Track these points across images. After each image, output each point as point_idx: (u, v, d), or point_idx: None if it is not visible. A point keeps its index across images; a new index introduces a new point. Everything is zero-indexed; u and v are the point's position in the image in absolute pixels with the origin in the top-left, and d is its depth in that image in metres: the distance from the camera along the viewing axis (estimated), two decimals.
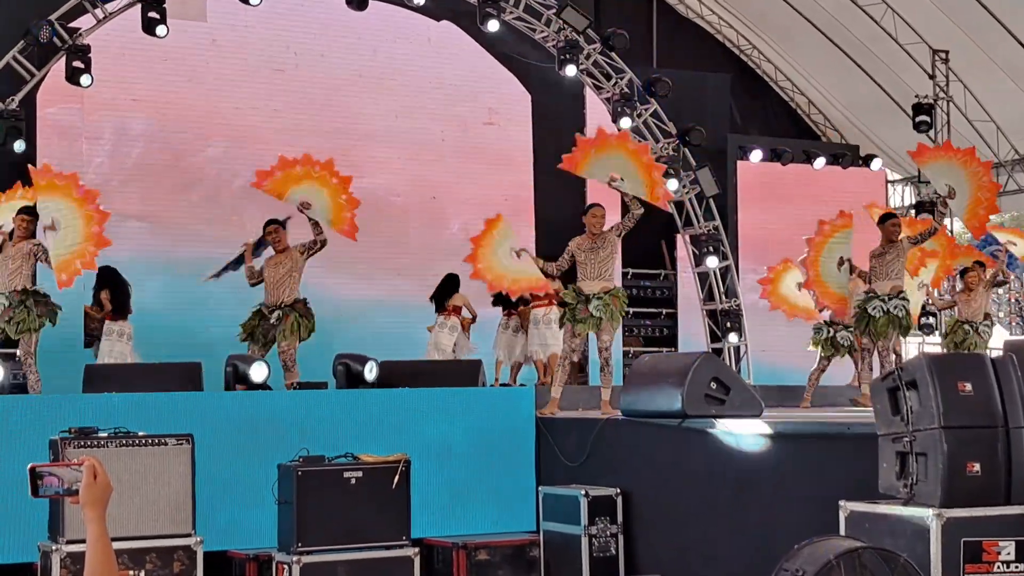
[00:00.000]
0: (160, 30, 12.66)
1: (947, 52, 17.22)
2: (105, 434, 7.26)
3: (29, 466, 3.11)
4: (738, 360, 16.18)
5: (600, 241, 10.19)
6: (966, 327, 13.25)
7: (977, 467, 5.63)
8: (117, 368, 9.70)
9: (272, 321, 10.29)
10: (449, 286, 13.48)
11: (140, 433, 7.32)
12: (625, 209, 10.64)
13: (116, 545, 3.28)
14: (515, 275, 11.01)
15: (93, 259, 9.79)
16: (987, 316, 13.49)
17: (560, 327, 10.49)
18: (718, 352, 16.04)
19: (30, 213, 9.80)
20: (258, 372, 9.33)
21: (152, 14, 12.67)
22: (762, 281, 13.81)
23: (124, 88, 13.92)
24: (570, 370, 10.93)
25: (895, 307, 11.10)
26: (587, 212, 10.45)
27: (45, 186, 9.73)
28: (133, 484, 7.10)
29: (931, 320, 16.48)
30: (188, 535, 7.31)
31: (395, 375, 9.72)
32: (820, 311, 13.01)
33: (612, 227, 10.32)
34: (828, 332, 12.72)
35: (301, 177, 10.52)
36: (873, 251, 11.34)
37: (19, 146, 12.39)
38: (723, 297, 16.29)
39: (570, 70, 14.64)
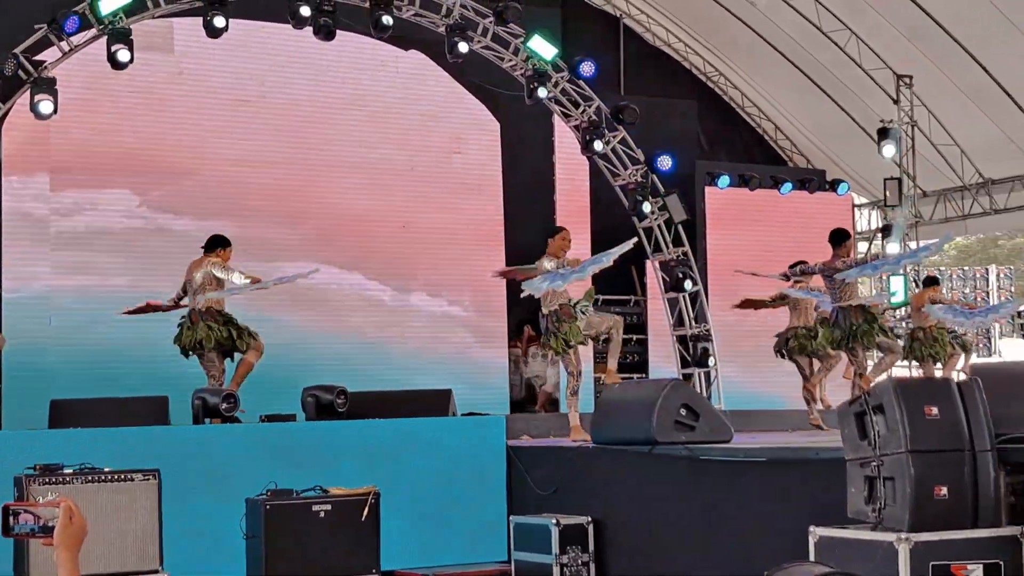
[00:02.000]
0: (124, 58, 12.60)
1: (911, 77, 17.35)
2: (71, 470, 7.19)
3: (3, 504, 3.07)
4: (708, 385, 16.20)
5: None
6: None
7: (944, 491, 5.65)
8: (83, 403, 9.61)
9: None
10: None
11: (106, 469, 7.26)
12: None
13: None
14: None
15: None
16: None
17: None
18: (688, 378, 16.05)
19: None
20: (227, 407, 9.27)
21: (118, 46, 12.62)
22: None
23: (90, 120, 13.86)
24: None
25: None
26: (557, 234, 10.51)
27: None
28: (99, 520, 7.03)
29: None
30: (156, 571, 7.24)
31: (365, 406, 9.69)
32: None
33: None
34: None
35: None
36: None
37: None
38: (693, 322, 16.31)
39: (542, 91, 14.67)
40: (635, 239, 11.26)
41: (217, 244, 10.90)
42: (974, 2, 15.69)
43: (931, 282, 14.92)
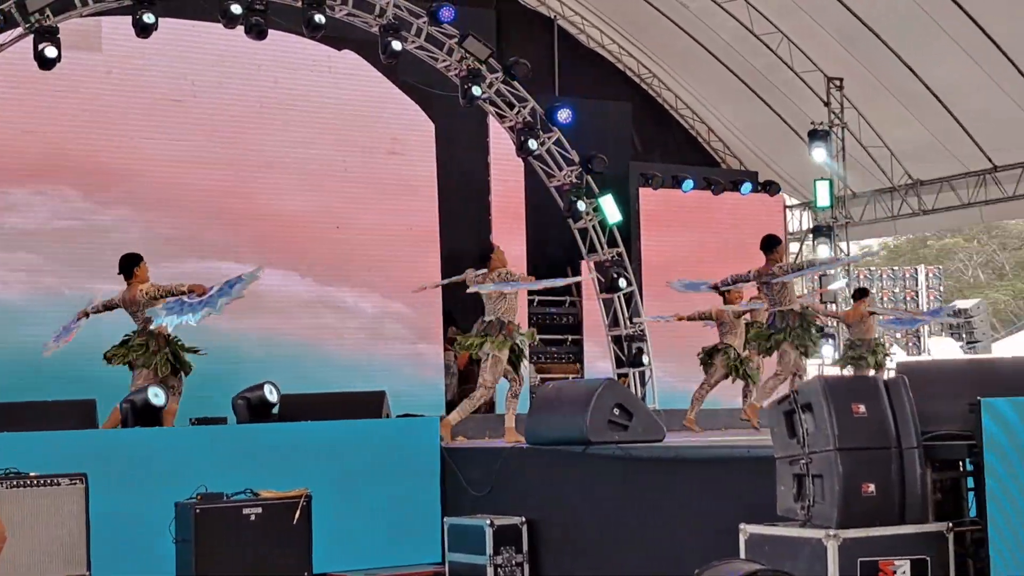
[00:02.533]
0: (52, 55, 12.42)
1: (841, 80, 17.54)
2: None
3: None
4: (643, 385, 16.28)
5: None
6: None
7: (872, 488, 5.70)
8: (8, 407, 9.45)
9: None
10: None
11: (32, 473, 7.15)
12: None
13: None
14: None
15: None
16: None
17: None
18: (623, 377, 16.12)
19: None
20: (156, 397, 9.15)
21: (45, 45, 12.45)
22: None
23: (16, 120, 13.67)
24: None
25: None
26: (494, 252, 10.60)
27: None
28: (25, 526, 6.94)
29: None
30: None
31: (297, 408, 9.61)
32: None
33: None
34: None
35: None
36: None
37: None
38: (628, 322, 16.38)
39: (476, 91, 14.67)
40: (584, 278, 11.19)
41: (132, 265, 10.42)
42: (904, 6, 15.89)
43: (862, 294, 15.00)
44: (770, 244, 11.65)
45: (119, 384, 10.24)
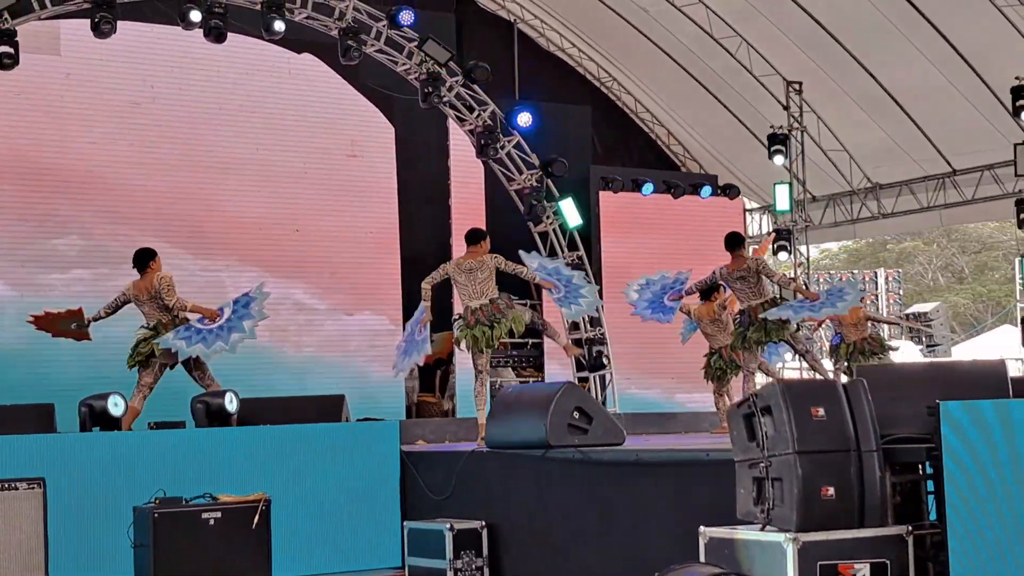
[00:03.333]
0: (9, 60, 12.33)
1: (800, 83, 17.64)
2: None
3: None
4: (604, 388, 16.30)
5: (478, 263, 10.31)
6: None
7: (832, 491, 5.72)
8: None
9: None
10: None
11: None
12: None
13: None
14: None
15: None
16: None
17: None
18: (584, 381, 16.14)
19: None
20: (115, 407, 9.10)
21: (3, 48, 12.35)
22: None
23: None
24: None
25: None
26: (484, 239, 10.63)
27: None
28: None
29: None
30: None
31: (256, 412, 9.58)
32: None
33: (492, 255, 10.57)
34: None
35: None
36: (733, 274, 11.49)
37: None
38: (588, 326, 16.40)
39: (436, 94, 14.66)
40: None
41: (149, 259, 10.44)
42: (863, 11, 16.00)
43: None
44: (736, 241, 11.61)
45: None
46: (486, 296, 10.39)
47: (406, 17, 14.61)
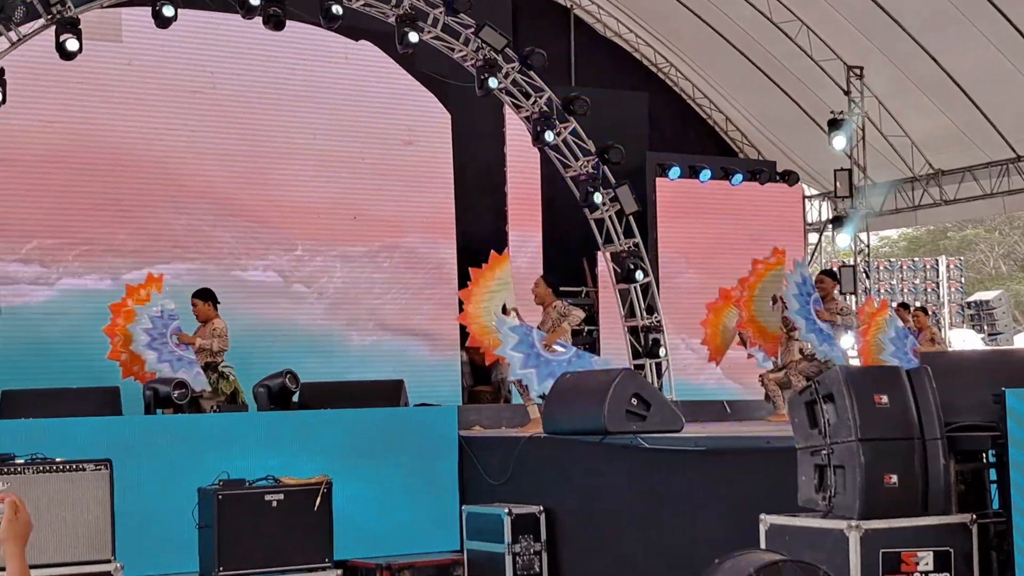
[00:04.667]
0: (73, 47, 12.48)
1: (861, 68, 17.48)
2: (22, 460, 7.13)
3: None
4: (660, 376, 16.26)
5: (543, 315, 10.77)
6: None
7: (894, 479, 5.70)
8: (35, 393, 9.54)
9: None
10: None
11: (58, 459, 7.20)
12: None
13: (34, 573, 3.26)
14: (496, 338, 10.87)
15: None
16: None
17: None
18: (640, 368, 16.11)
19: None
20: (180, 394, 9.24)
21: (67, 36, 12.49)
22: (703, 323, 13.73)
23: (39, 111, 13.72)
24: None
25: None
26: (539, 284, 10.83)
27: None
28: (51, 510, 6.98)
29: None
30: (108, 560, 7.18)
31: (317, 396, 9.67)
32: (750, 353, 13.09)
33: (554, 305, 10.95)
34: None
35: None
36: None
37: None
38: (644, 313, 16.37)
39: (492, 82, 14.66)
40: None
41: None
42: None
43: (906, 307, 14.90)
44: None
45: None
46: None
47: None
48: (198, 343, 10.70)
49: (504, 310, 10.76)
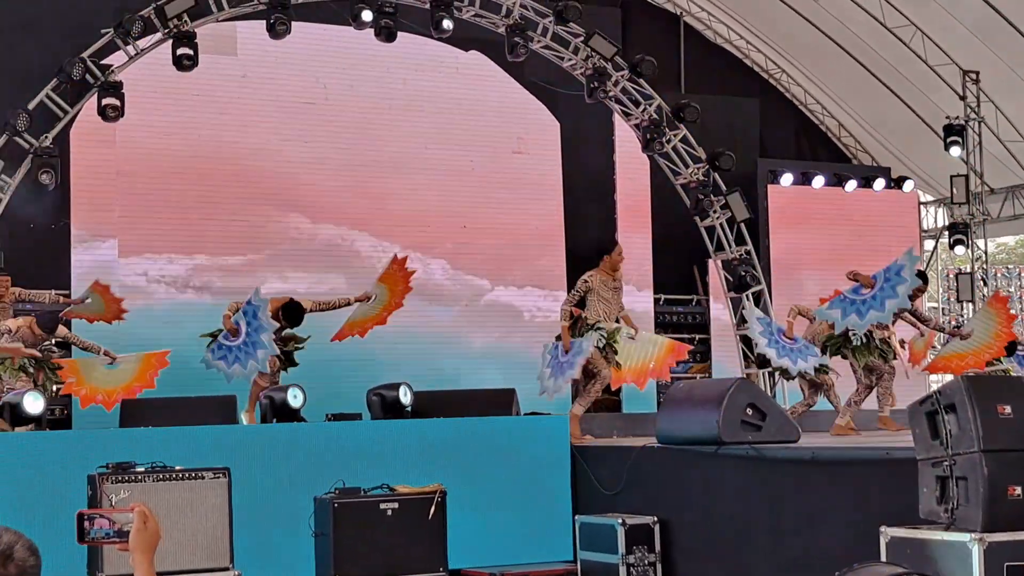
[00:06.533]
0: (189, 61, 12.74)
1: (977, 73, 17.14)
2: (142, 468, 7.27)
3: (77, 512, 3.13)
4: (773, 385, 16.08)
5: (619, 281, 10.36)
6: None
7: (1019, 491, 5.58)
8: (153, 402, 9.74)
9: None
10: None
11: (177, 467, 7.33)
12: None
13: None
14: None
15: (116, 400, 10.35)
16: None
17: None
18: (751, 377, 15.94)
19: None
20: (295, 399, 9.34)
21: (183, 50, 12.77)
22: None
23: (156, 124, 14.02)
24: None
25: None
26: (613, 250, 10.54)
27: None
28: (171, 518, 7.10)
29: None
30: (226, 568, 7.29)
31: (429, 405, 9.72)
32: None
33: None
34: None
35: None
36: None
37: (45, 179, 12.47)
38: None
39: (599, 94, 14.66)
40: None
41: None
42: None
43: None
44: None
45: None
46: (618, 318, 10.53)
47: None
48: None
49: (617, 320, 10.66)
